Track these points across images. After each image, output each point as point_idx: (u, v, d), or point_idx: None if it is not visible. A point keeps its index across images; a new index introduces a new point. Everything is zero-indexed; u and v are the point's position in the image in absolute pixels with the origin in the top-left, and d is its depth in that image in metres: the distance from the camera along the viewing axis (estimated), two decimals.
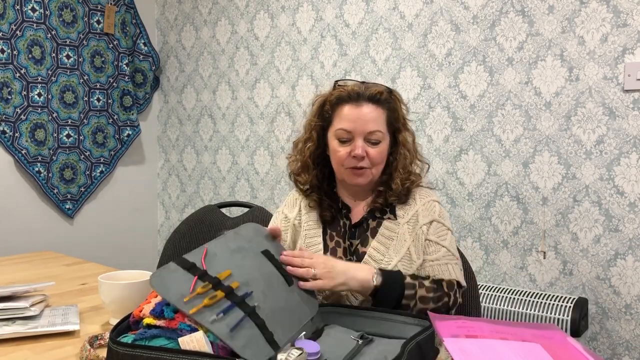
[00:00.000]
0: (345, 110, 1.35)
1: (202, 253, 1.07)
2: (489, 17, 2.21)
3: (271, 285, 1.06)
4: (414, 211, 1.39)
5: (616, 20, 1.95)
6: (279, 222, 1.51)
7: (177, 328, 0.95)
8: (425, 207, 1.40)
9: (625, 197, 1.97)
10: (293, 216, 1.48)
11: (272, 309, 1.00)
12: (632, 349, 1.98)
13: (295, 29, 2.81)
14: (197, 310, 0.93)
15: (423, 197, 1.41)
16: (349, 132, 1.33)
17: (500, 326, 1.01)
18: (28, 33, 2.84)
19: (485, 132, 2.25)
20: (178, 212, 3.43)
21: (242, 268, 1.06)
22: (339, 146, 1.35)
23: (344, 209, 1.43)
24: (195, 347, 0.89)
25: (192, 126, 3.31)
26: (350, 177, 1.37)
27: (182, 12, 3.31)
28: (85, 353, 1.10)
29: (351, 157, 1.33)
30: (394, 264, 1.33)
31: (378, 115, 1.35)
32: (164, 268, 1.02)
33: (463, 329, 0.97)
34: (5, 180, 2.86)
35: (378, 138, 1.34)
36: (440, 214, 1.40)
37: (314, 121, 1.42)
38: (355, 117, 1.33)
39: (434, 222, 1.38)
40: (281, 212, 1.52)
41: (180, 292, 0.96)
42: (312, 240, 1.43)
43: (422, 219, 1.38)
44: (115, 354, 0.92)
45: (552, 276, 2.13)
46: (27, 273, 1.89)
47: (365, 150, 1.33)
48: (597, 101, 2.00)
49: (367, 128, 1.33)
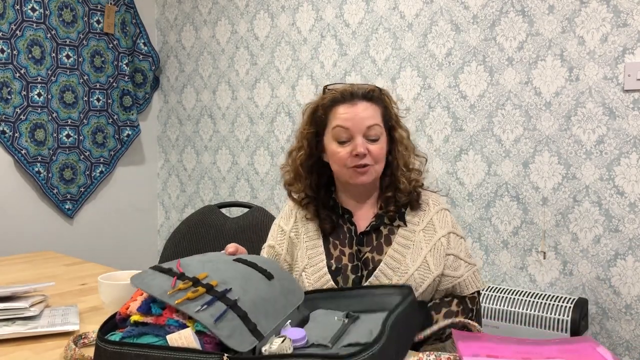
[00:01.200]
0: (341, 110, 1.34)
1: (176, 263, 1.08)
2: (489, 17, 2.21)
3: (250, 280, 1.07)
4: (429, 219, 1.39)
5: (616, 20, 1.95)
6: (276, 234, 1.48)
7: (165, 324, 0.95)
8: (438, 217, 1.40)
9: (625, 197, 1.97)
10: (289, 228, 1.46)
11: (253, 300, 1.00)
12: (632, 349, 1.98)
13: (295, 29, 2.81)
14: (181, 302, 0.94)
15: (436, 204, 1.41)
16: (347, 129, 1.32)
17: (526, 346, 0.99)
18: (28, 33, 2.84)
19: (485, 132, 2.25)
20: (178, 212, 3.43)
21: (217, 271, 1.06)
22: (338, 147, 1.34)
23: (346, 214, 1.41)
24: (184, 344, 0.90)
25: (192, 126, 3.31)
26: (354, 176, 1.34)
27: (182, 12, 3.31)
28: (70, 352, 1.10)
29: (353, 155, 1.31)
30: (410, 272, 1.33)
31: (374, 111, 1.34)
32: (142, 272, 1.04)
33: (485, 349, 0.96)
34: (5, 181, 2.86)
35: (377, 134, 1.33)
36: (454, 225, 1.41)
37: (306, 129, 1.40)
38: (353, 115, 1.32)
39: (451, 235, 1.39)
40: (277, 224, 1.50)
41: (163, 288, 0.98)
42: (313, 251, 1.40)
43: (440, 230, 1.38)
44: (104, 352, 0.91)
45: (552, 276, 2.13)
46: (27, 273, 1.89)
47: (367, 147, 1.32)
48: (597, 101, 2.00)
49: (366, 123, 1.32)
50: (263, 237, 1.91)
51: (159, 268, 1.05)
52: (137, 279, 1.01)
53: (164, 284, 0.99)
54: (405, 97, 2.44)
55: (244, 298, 1.00)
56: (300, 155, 1.40)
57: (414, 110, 2.41)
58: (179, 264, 1.07)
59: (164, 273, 1.03)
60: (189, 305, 0.94)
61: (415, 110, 2.41)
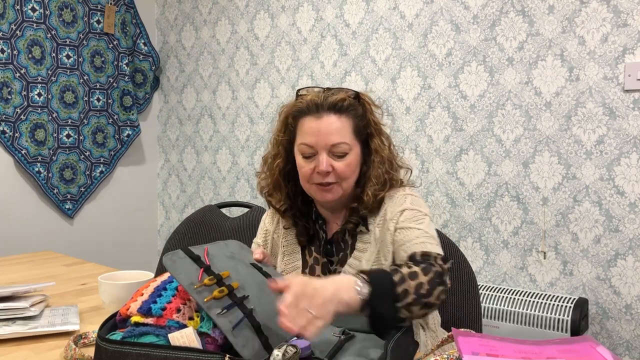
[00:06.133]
0: (306, 124, 1.25)
1: (203, 251, 1.09)
2: (489, 17, 2.21)
3: (264, 292, 1.07)
4: (383, 211, 1.29)
5: (616, 20, 1.95)
6: (261, 233, 1.47)
7: (165, 325, 0.95)
8: (393, 203, 1.29)
9: (625, 197, 1.96)
10: (272, 229, 1.44)
11: (266, 313, 1.01)
12: (632, 349, 1.98)
13: (295, 29, 2.81)
14: (208, 300, 0.96)
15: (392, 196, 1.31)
16: (311, 147, 1.24)
17: (527, 346, 0.99)
18: (28, 33, 2.84)
19: (485, 132, 2.25)
20: (178, 212, 3.43)
21: (237, 272, 1.08)
22: (303, 162, 1.26)
23: (320, 220, 1.36)
24: (185, 343, 0.90)
25: (192, 126, 3.31)
26: (318, 194, 1.27)
27: (182, 12, 3.31)
28: (70, 352, 1.10)
29: (316, 172, 1.24)
30: None
31: (341, 126, 1.24)
32: (174, 253, 1.05)
33: (485, 347, 0.96)
34: (5, 181, 2.86)
35: (343, 150, 1.24)
36: (413, 202, 1.28)
37: (280, 135, 1.33)
38: (316, 131, 1.23)
39: (405, 211, 1.26)
40: (264, 221, 1.48)
41: (190, 279, 0.99)
42: (290, 257, 1.38)
43: (389, 215, 1.27)
44: (105, 352, 0.91)
45: (552, 276, 2.13)
46: (27, 273, 1.89)
47: (331, 164, 1.23)
48: (597, 101, 2.00)
49: (330, 141, 1.22)
50: None
51: (190, 253, 1.07)
52: (168, 260, 1.03)
53: (192, 275, 1.00)
54: (405, 97, 2.44)
55: (259, 309, 1.00)
56: (278, 163, 1.34)
57: (414, 110, 2.41)
58: (206, 252, 1.09)
59: (194, 262, 1.05)
60: (213, 305, 0.95)
61: (415, 110, 2.41)
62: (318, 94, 1.28)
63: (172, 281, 1.07)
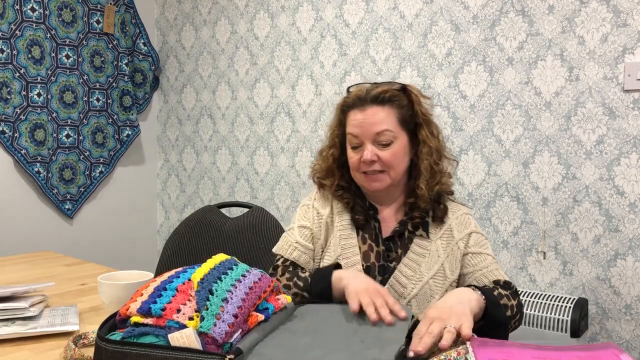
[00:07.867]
0: (352, 116, 1.33)
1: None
2: (489, 17, 2.21)
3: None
4: (447, 226, 1.36)
5: (616, 20, 1.95)
6: (311, 216, 1.42)
7: (165, 325, 0.95)
8: (458, 221, 1.37)
9: (625, 197, 1.96)
10: (326, 213, 1.41)
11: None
12: (632, 349, 1.98)
13: (295, 29, 2.81)
14: None
15: (454, 211, 1.38)
16: (356, 137, 1.31)
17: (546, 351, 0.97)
18: (27, 33, 2.84)
19: (485, 132, 2.25)
20: (178, 212, 3.43)
21: None
22: (352, 152, 1.34)
23: (372, 210, 1.39)
24: (185, 343, 0.90)
25: (192, 126, 3.31)
26: (365, 182, 1.34)
27: (181, 12, 3.31)
28: (70, 352, 1.10)
29: (362, 162, 1.31)
30: (425, 280, 1.31)
31: (385, 115, 1.30)
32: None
33: (502, 354, 0.94)
34: (5, 181, 2.86)
35: (388, 139, 1.30)
36: (476, 225, 1.38)
37: (334, 129, 1.41)
38: (361, 121, 1.31)
39: (473, 234, 1.36)
40: (311, 206, 1.43)
41: None
42: (347, 242, 1.37)
43: (457, 234, 1.35)
44: (104, 352, 0.91)
45: (552, 276, 2.13)
46: (27, 273, 1.89)
47: (376, 153, 1.29)
48: (597, 101, 2.00)
49: (374, 129, 1.29)
50: (263, 237, 1.91)
51: None
52: None
53: None
54: None
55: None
56: (332, 152, 1.41)
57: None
58: None
59: None
60: None
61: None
62: (362, 89, 1.36)
63: (172, 281, 1.06)
